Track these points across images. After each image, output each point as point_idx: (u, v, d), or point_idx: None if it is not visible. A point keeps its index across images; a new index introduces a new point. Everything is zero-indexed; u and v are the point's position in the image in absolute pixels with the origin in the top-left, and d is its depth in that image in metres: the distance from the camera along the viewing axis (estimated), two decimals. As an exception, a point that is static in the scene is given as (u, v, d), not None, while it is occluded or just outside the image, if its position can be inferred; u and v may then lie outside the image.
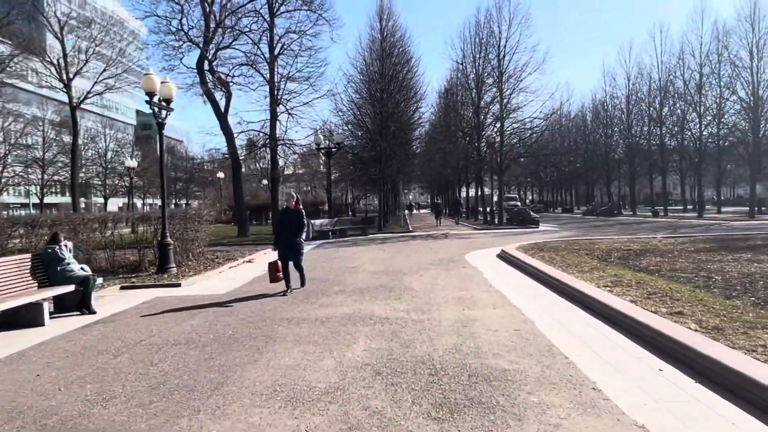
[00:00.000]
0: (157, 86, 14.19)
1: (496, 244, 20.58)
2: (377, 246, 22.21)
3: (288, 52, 32.32)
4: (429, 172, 63.55)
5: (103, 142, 71.36)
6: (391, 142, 32.92)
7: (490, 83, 35.11)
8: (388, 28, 33.55)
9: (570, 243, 18.11)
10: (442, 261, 15.62)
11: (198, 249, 18.33)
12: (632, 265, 12.48)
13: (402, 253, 18.40)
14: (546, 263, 12.98)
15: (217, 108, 29.99)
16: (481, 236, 26.62)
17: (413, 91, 37.49)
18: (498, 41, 33.85)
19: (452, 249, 19.64)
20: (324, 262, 16.38)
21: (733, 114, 37.80)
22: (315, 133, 30.71)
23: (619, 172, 59.51)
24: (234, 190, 31.69)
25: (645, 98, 49.13)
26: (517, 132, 34.64)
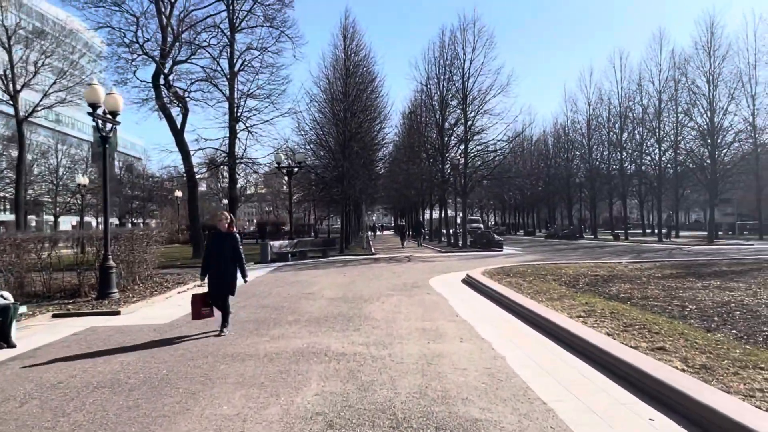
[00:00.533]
0: (101, 97, 13.26)
1: (461, 268, 20.04)
2: (338, 269, 21.40)
3: (249, 68, 31.66)
4: (392, 194, 63.16)
5: (55, 158, 68.55)
6: (354, 162, 32.31)
7: (454, 105, 35.03)
8: (352, 47, 33.22)
9: (536, 268, 17.69)
10: (406, 286, 14.94)
11: (146, 272, 17.23)
12: (602, 292, 12.05)
13: (363, 278, 17.65)
14: (513, 290, 12.44)
15: (173, 124, 28.89)
16: (445, 259, 26.10)
17: (377, 110, 37.14)
18: (462, 63, 33.89)
19: (416, 273, 19.00)
20: (280, 287, 15.49)
21: (691, 140, 38.66)
22: (275, 152, 29.87)
23: (580, 196, 60.31)
24: (189, 209, 30.49)
25: (605, 123, 50.09)
26: (481, 154, 34.57)
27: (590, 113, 52.38)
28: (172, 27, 29.01)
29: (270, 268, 22.36)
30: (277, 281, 17.08)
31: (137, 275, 16.46)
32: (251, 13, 31.44)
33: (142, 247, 16.83)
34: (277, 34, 31.24)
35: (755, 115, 36.88)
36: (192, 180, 29.25)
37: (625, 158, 46.31)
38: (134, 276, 16.33)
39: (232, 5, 30.67)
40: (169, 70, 28.50)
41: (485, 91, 32.93)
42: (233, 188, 31.19)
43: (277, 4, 30.47)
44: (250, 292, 14.31)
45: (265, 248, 25.99)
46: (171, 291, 14.80)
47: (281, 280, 17.30)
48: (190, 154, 29.05)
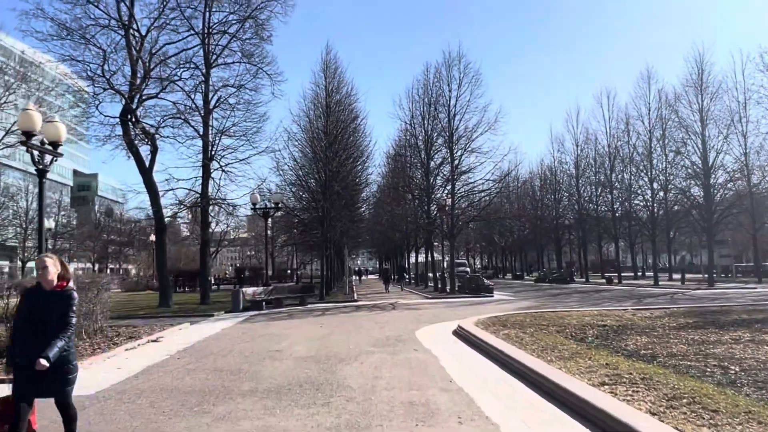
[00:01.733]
0: (36, 125, 11.57)
1: (450, 317, 18.26)
2: (315, 319, 19.48)
3: (224, 105, 30.24)
4: (377, 236, 61.55)
5: (25, 200, 66.19)
6: (335, 202, 30.73)
7: (440, 143, 33.86)
8: (334, 84, 32.01)
9: (534, 317, 15.96)
10: (389, 340, 13.10)
11: (95, 325, 15.25)
12: (618, 348, 10.37)
13: (342, 329, 15.78)
14: (515, 345, 10.70)
15: (141, 162, 27.17)
16: (432, 306, 24.27)
17: (360, 149, 35.83)
18: (448, 101, 32.86)
19: (400, 323, 17.17)
20: (245, 342, 13.56)
21: (685, 178, 37.71)
22: (251, 193, 28.20)
23: (569, 238, 59.11)
24: (156, 253, 28.49)
25: (593, 164, 49.37)
26: (469, 194, 33.20)
27: (578, 153, 51.77)
28: (143, 61, 27.63)
29: (240, 318, 20.37)
30: (243, 335, 15.14)
31: (83, 329, 14.48)
32: (228, 49, 30.26)
33: (89, 297, 14.90)
34: (255, 71, 30.01)
35: (747, 154, 36.18)
36: (160, 222, 27.35)
37: (615, 198, 45.31)
38: (78, 330, 14.34)
39: (207, 40, 29.47)
40: (137, 106, 26.97)
41: (472, 129, 31.90)
42: (206, 231, 29.30)
43: (255, 38, 29.36)
44: (208, 349, 12.40)
45: (237, 296, 24.01)
46: (118, 348, 12.86)
47: (248, 334, 15.36)
48: (159, 195, 27.26)
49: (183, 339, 14.53)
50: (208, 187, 29.06)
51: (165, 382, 8.76)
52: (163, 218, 27.60)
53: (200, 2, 28.94)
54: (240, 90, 30.28)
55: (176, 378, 9.12)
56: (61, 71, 28.24)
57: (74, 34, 25.89)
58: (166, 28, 27.96)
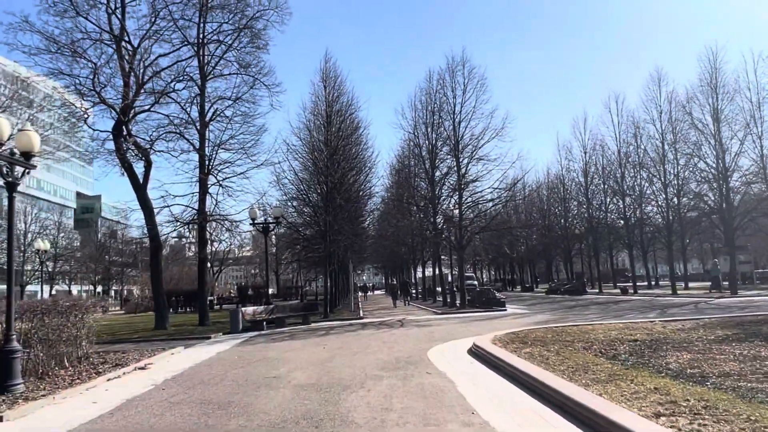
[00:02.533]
0: (4, 134, 10.56)
1: (464, 334, 17.07)
2: (318, 339, 18.29)
3: (221, 118, 29.36)
4: (382, 251, 60.42)
5: (22, 223, 65.38)
6: (337, 216, 29.64)
7: (445, 152, 32.75)
8: (333, 93, 30.99)
9: (556, 332, 14.75)
10: (399, 362, 11.92)
11: (80, 352, 14.13)
12: (659, 366, 9.18)
13: (347, 351, 14.59)
14: (540, 365, 9.53)
15: (135, 179, 26.24)
16: (443, 322, 23.03)
17: (362, 159, 34.78)
18: (452, 108, 31.80)
19: (410, 342, 15.97)
20: (240, 367, 12.39)
21: (701, 182, 36.39)
22: (250, 208, 27.14)
23: (580, 248, 57.65)
24: (152, 273, 27.36)
25: (602, 170, 48.17)
26: (477, 204, 31.98)
27: (586, 161, 50.57)
28: (135, 73, 26.76)
29: (238, 340, 19.20)
30: (239, 359, 13.97)
31: (65, 357, 13.37)
32: (224, 59, 29.45)
33: (71, 321, 13.80)
34: (252, 82, 29.13)
35: (763, 156, 34.91)
36: (155, 241, 26.27)
37: (628, 206, 44.00)
38: (60, 358, 13.24)
39: (201, 51, 28.65)
40: (130, 120, 26.05)
41: (478, 136, 30.72)
42: (203, 248, 28.23)
43: (250, 46, 28.48)
44: (198, 377, 11.25)
45: (236, 316, 22.85)
46: (100, 378, 11.73)
47: (245, 358, 14.18)
48: (154, 212, 26.23)
49: (173, 365, 13.37)
50: (205, 203, 28.09)
51: (141, 421, 7.63)
52: (158, 236, 26.56)
53: (194, 13, 28.15)
54: (237, 102, 29.44)
55: (155, 414, 7.98)
56: (50, 86, 27.39)
57: (64, 49, 25.07)
58: (160, 39, 27.13)
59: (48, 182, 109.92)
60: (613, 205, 47.41)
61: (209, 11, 28.51)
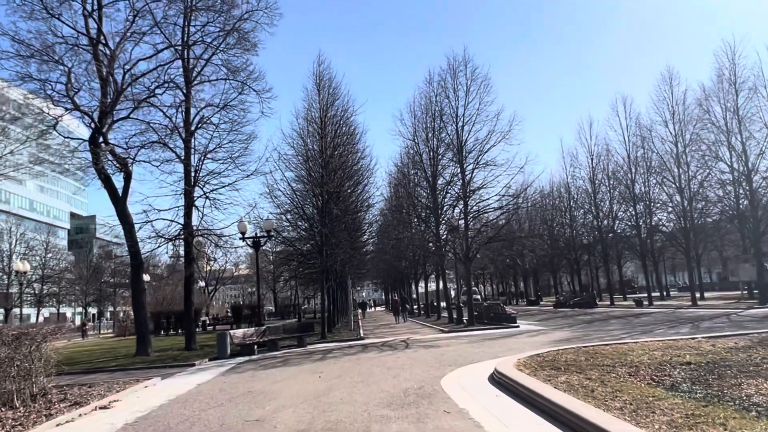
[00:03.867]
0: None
1: (479, 356, 15.17)
2: (313, 365, 16.34)
3: (208, 125, 27.61)
4: (381, 266, 58.55)
5: (6, 244, 63.32)
6: (334, 228, 27.78)
7: (448, 158, 30.99)
8: (327, 97, 29.30)
9: (589, 353, 12.83)
10: (408, 396, 10.01)
11: (35, 387, 12.24)
12: (739, 400, 7.33)
13: (346, 380, 12.65)
14: (588, 400, 7.65)
15: (114, 191, 24.41)
16: (452, 342, 21.05)
17: (359, 167, 32.96)
18: (455, 110, 30.09)
19: (419, 368, 14.02)
20: (218, 406, 10.45)
21: (719, 185, 34.59)
22: (239, 221, 25.30)
23: (589, 259, 55.67)
24: (132, 294, 25.40)
25: (611, 176, 46.43)
26: (484, 212, 30.11)
27: (593, 167, 48.82)
28: (114, 78, 25.03)
29: (224, 368, 17.23)
30: (220, 393, 12.02)
31: (14, 395, 11.49)
32: (210, 63, 27.72)
33: (23, 352, 11.91)
34: (241, 87, 27.42)
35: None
36: (136, 258, 24.33)
37: (640, 213, 42.16)
38: (8, 396, 11.37)
39: (186, 54, 26.97)
40: (107, 128, 24.27)
41: (483, 140, 28.97)
42: (189, 265, 26.27)
43: (238, 48, 26.76)
44: (165, 421, 9.34)
45: (223, 340, 20.87)
46: (47, 422, 9.79)
47: (227, 391, 12.23)
48: (134, 228, 24.36)
49: (142, 403, 11.44)
50: (191, 217, 26.23)
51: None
52: (139, 254, 24.62)
53: (177, 13, 26.50)
54: (225, 109, 27.72)
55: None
56: (21, 93, 25.62)
57: (37, 53, 23.32)
58: (140, 41, 25.45)
59: (40, 203, 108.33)
60: (623, 212, 45.60)
61: (194, 11, 26.86)
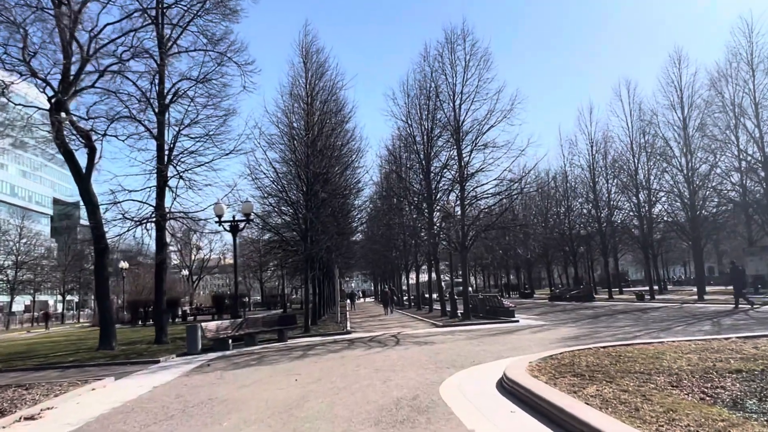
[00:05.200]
0: None
1: (481, 356, 13.37)
2: (291, 364, 14.46)
3: (184, 99, 25.59)
4: (371, 256, 56.76)
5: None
6: (320, 212, 25.84)
7: (444, 140, 29.07)
8: (315, 71, 27.27)
9: (612, 355, 11.02)
10: (401, 408, 8.16)
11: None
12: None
13: (326, 385, 10.78)
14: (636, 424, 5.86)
15: (77, 168, 22.38)
16: (448, 338, 19.24)
17: (347, 146, 30.95)
18: (452, 87, 28.10)
19: (412, 369, 12.17)
20: (165, 420, 8.54)
21: (733, 171, 32.91)
22: (216, 203, 23.29)
23: (587, 249, 53.96)
24: (96, 280, 23.37)
25: (611, 164, 44.67)
26: (482, 198, 28.19)
27: (593, 155, 47.00)
28: (79, 44, 22.88)
29: (191, 366, 15.33)
30: (174, 401, 10.11)
31: None
32: (187, 32, 25.63)
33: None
34: (218, 57, 25.39)
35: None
36: (101, 241, 22.28)
37: (643, 202, 40.42)
38: None
39: (161, 20, 24.87)
40: (69, 98, 22.12)
41: (483, 120, 27.03)
42: (161, 250, 24.26)
43: (216, 12, 24.67)
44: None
45: (193, 333, 18.92)
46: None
47: (184, 398, 10.33)
48: (99, 208, 22.34)
49: (77, 412, 9.53)
50: (164, 198, 24.27)
51: None
52: (104, 237, 22.58)
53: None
54: (204, 83, 25.70)
55: None
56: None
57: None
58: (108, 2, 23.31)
59: (22, 188, 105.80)
60: (625, 202, 43.88)
61: (169, -27, 24.76)
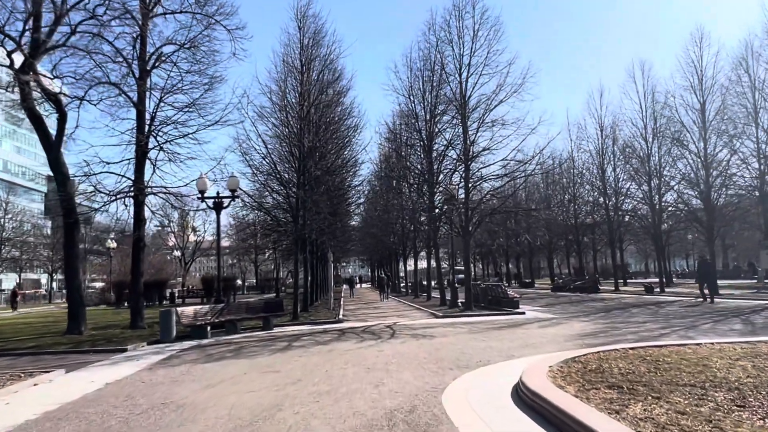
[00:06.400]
0: None
1: (487, 354, 11.72)
2: (271, 359, 12.77)
3: (167, 64, 23.76)
4: (369, 240, 55.12)
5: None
6: (314, 190, 24.10)
7: (451, 115, 27.23)
8: (310, 34, 25.29)
9: (645, 359, 9.33)
10: (394, 424, 6.50)
11: None
12: None
13: (307, 388, 9.10)
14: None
15: (45, 135, 20.55)
16: (448, 331, 17.56)
17: (343, 123, 29.06)
18: (459, 59, 26.16)
19: (409, 369, 10.50)
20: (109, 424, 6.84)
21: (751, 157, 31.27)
22: (199, 178, 21.51)
23: (593, 239, 52.10)
24: (65, 258, 21.61)
25: (622, 149, 42.75)
26: (489, 178, 26.32)
27: (602, 139, 44.99)
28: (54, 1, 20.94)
29: (158, 358, 13.64)
30: (122, 404, 8.43)
31: None
32: (172, -11, 23.73)
33: None
34: (206, 20, 23.46)
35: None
36: (70, 215, 20.48)
37: (654, 189, 38.54)
38: None
39: (142, -25, 22.90)
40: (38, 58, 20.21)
41: (491, 95, 25.11)
42: (139, 227, 22.50)
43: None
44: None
45: (168, 319, 17.21)
46: None
47: (135, 400, 8.64)
48: (69, 179, 20.57)
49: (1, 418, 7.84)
50: (143, 171, 22.53)
51: None
52: (74, 210, 20.80)
53: None
54: (190, 49, 23.81)
55: None
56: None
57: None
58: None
59: (14, 163, 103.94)
60: (636, 189, 42.04)
61: None
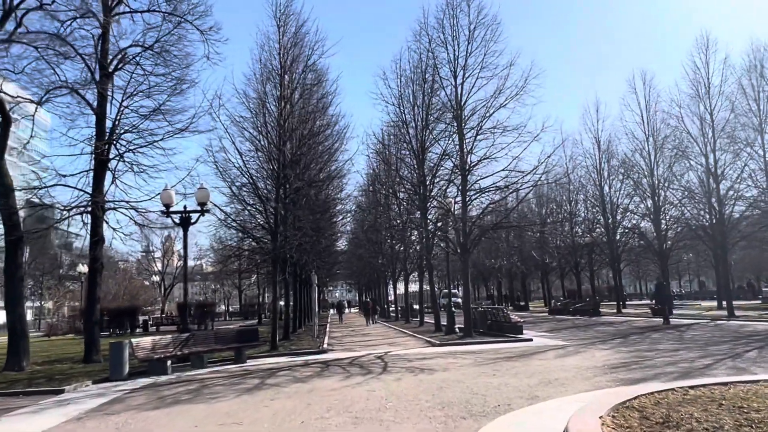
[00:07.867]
0: None
1: (506, 396, 9.45)
2: (234, 403, 10.39)
3: (131, 66, 21.68)
4: (356, 263, 52.98)
5: None
6: (294, 204, 21.87)
7: (445, 122, 25.16)
8: (289, 34, 23.26)
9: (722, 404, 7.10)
10: None
11: None
12: None
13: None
14: None
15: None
16: (450, 363, 15.22)
17: (329, 129, 26.93)
18: (454, 62, 24.24)
19: (409, 420, 8.22)
20: None
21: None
22: (164, 191, 19.24)
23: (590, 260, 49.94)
24: (6, 283, 18.79)
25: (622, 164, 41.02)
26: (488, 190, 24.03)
27: (599, 155, 43.27)
28: None
29: (95, 403, 11.21)
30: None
31: None
32: (137, -14, 21.73)
33: None
34: (174, 20, 21.47)
35: None
36: (14, 231, 18.00)
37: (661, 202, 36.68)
38: None
39: (102, -32, 20.89)
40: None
41: (490, 100, 23.10)
42: (97, 247, 20.06)
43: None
44: None
45: (118, 352, 14.72)
46: None
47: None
48: (12, 190, 18.14)
49: None
50: (101, 184, 20.25)
51: None
52: (18, 226, 18.32)
53: None
54: (161, 54, 21.77)
55: None
56: None
57: None
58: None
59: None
60: (638, 204, 40.17)
61: None
